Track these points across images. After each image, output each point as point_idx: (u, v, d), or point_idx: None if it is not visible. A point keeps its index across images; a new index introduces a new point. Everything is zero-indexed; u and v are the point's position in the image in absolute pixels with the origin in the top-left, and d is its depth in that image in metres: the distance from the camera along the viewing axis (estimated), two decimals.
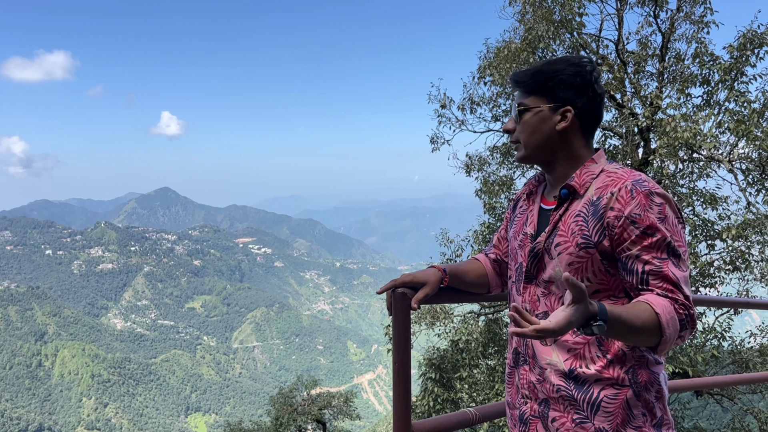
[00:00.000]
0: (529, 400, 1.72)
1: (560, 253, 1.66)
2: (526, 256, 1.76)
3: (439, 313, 11.75)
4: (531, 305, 1.73)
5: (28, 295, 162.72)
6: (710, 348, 9.22)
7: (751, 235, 8.18)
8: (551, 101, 1.71)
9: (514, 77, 1.77)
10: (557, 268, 1.46)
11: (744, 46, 8.54)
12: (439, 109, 11.99)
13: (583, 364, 1.62)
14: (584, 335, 1.51)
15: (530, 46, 9.96)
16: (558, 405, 1.65)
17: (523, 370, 1.74)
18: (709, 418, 15.36)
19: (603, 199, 1.61)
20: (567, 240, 1.65)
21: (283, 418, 17.63)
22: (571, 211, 1.68)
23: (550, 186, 1.82)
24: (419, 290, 1.89)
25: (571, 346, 1.64)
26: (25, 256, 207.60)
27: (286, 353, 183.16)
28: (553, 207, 1.74)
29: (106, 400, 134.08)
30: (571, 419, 1.63)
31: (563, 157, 1.75)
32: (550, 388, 1.66)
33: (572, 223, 1.66)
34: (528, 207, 1.87)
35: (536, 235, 1.77)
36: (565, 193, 1.71)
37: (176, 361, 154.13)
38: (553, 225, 1.70)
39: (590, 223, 1.62)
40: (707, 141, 7.80)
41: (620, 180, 1.63)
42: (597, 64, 9.99)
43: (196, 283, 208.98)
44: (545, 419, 1.68)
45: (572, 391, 1.62)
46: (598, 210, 1.61)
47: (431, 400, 10.53)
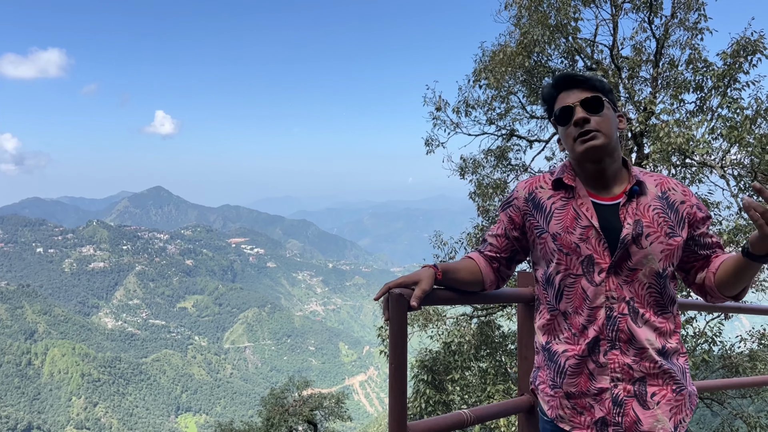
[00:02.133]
0: (621, 383, 1.81)
1: (652, 243, 1.82)
2: (598, 248, 1.83)
3: (432, 315, 11.76)
4: (618, 293, 1.82)
5: (19, 293, 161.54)
6: (701, 352, 9.28)
7: (743, 241, 8.22)
8: (612, 105, 1.93)
9: (579, 77, 1.91)
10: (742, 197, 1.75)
11: (737, 53, 8.60)
12: (434, 111, 12.03)
13: (666, 339, 1.85)
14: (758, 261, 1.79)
15: (526, 50, 10.00)
16: (656, 380, 1.82)
17: (613, 354, 1.82)
18: (699, 422, 15.44)
19: (670, 194, 1.90)
20: (656, 230, 1.83)
21: (274, 419, 17.59)
22: (643, 205, 1.87)
23: (595, 183, 1.93)
24: (416, 289, 1.90)
25: (657, 326, 1.84)
26: (15, 254, 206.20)
27: (277, 354, 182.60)
28: (619, 201, 1.88)
29: (96, 400, 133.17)
30: (671, 390, 1.83)
31: (617, 156, 1.93)
32: (650, 365, 1.81)
33: (653, 215, 1.85)
34: (570, 201, 1.91)
35: (603, 227, 1.85)
36: (636, 189, 1.88)
37: (167, 361, 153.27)
38: (633, 217, 1.84)
39: (671, 215, 1.87)
40: (700, 147, 7.86)
41: (665, 179, 1.95)
42: (591, 69, 10.06)
43: (188, 283, 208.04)
44: (642, 396, 1.81)
45: (669, 364, 1.84)
46: (672, 204, 1.89)
47: (423, 402, 10.53)
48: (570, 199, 1.91)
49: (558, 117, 1.91)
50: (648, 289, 1.83)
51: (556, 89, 1.94)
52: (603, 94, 1.89)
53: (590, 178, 1.92)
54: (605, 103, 1.87)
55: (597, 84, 1.89)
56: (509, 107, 12.01)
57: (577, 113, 1.85)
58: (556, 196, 1.93)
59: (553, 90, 1.95)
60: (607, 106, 1.87)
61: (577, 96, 1.87)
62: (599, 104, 1.86)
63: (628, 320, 1.80)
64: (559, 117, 1.91)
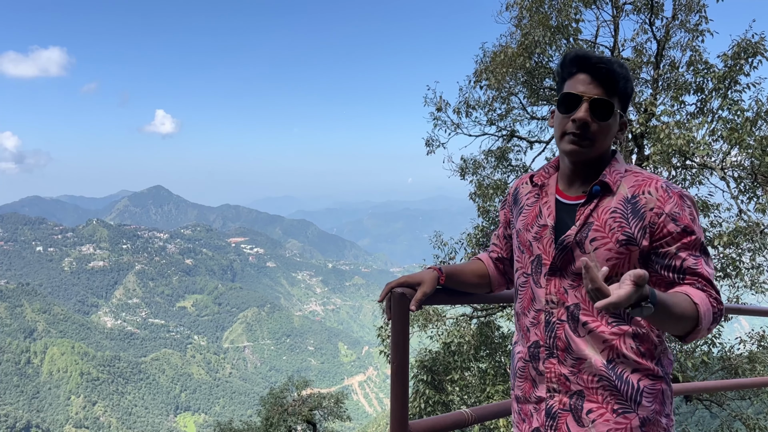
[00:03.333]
0: (557, 394, 1.69)
1: (597, 248, 1.64)
2: (548, 248, 1.74)
3: (432, 315, 11.76)
4: (558, 297, 1.71)
5: (18, 291, 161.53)
6: (700, 354, 9.29)
7: (743, 243, 8.24)
8: (622, 110, 1.74)
9: (603, 66, 1.68)
10: (593, 262, 1.37)
11: (738, 55, 8.61)
12: (435, 112, 12.03)
13: (620, 355, 1.63)
14: (633, 316, 1.47)
15: (527, 51, 10.01)
16: (595, 396, 1.64)
17: (550, 363, 1.71)
18: (698, 423, 15.45)
19: (641, 197, 1.64)
20: (605, 236, 1.65)
21: (273, 419, 17.58)
22: (603, 207, 1.68)
23: (568, 180, 1.80)
24: (417, 291, 1.89)
25: (606, 338, 1.64)
26: (15, 253, 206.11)
27: (276, 354, 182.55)
28: (580, 201, 1.73)
29: (95, 399, 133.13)
30: (611, 409, 1.62)
31: (604, 158, 1.77)
32: (588, 378, 1.64)
33: (609, 219, 1.65)
34: (539, 199, 1.84)
35: (558, 228, 1.74)
36: (597, 189, 1.70)
37: (166, 360, 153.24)
38: (584, 219, 1.68)
39: (631, 221, 1.63)
40: (700, 148, 7.87)
41: (652, 180, 1.67)
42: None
43: (187, 282, 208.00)
44: (578, 412, 1.66)
45: (614, 380, 1.62)
46: (637, 209, 1.64)
47: (422, 402, 10.53)
48: (540, 197, 1.84)
49: (560, 101, 1.72)
50: None
51: (577, 66, 1.71)
52: (619, 96, 1.70)
53: (566, 172, 1.80)
54: (614, 111, 1.68)
55: (619, 81, 1.69)
56: (510, 108, 12.02)
57: (581, 111, 1.67)
58: (532, 192, 1.87)
59: (573, 66, 1.72)
60: (616, 114, 1.69)
61: (591, 90, 1.67)
62: (608, 112, 1.67)
63: (566, 327, 1.68)
64: (561, 102, 1.72)
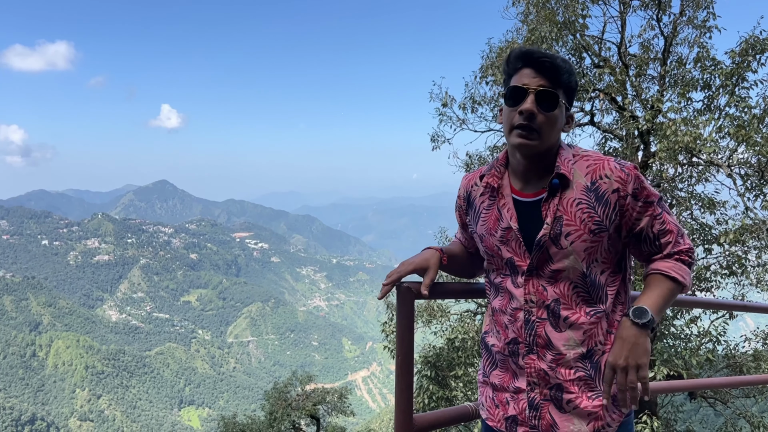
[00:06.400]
0: (537, 387, 1.75)
1: (573, 242, 1.67)
2: (518, 250, 1.76)
3: (436, 311, 11.78)
4: (538, 296, 1.73)
5: (24, 285, 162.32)
6: (705, 351, 9.26)
7: (749, 240, 8.19)
8: (567, 103, 1.76)
9: (546, 60, 1.71)
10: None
11: (746, 51, 8.56)
12: (441, 107, 11.99)
13: (597, 341, 1.72)
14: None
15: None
16: (573, 387, 1.71)
17: (530, 359, 1.75)
18: (702, 421, 15.45)
19: (600, 183, 1.68)
20: (578, 228, 1.68)
21: (277, 413, 17.66)
22: (567, 199, 1.70)
23: (522, 177, 1.81)
24: (424, 277, 1.92)
25: (586, 328, 1.71)
26: (21, 246, 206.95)
27: (280, 348, 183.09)
28: (540, 198, 1.74)
29: (100, 392, 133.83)
30: (586, 397, 1.71)
31: (553, 152, 1.78)
32: (566, 372, 1.71)
33: (577, 210, 1.68)
34: (496, 201, 1.84)
35: (522, 228, 1.75)
36: (556, 183, 1.72)
37: (171, 354, 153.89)
38: (553, 215, 1.70)
39: (598, 209, 1.67)
40: (707, 145, 7.82)
41: (602, 161, 1.72)
42: (599, 66, 10.02)
43: (192, 277, 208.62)
44: (558, 401, 1.73)
45: (589, 371, 1.72)
46: (600, 194, 1.68)
47: (426, 398, 10.55)
48: (495, 199, 1.84)
49: (507, 95, 1.74)
50: (575, 289, 1.70)
51: (522, 62, 1.74)
52: (564, 88, 1.73)
53: (519, 169, 1.80)
54: (559, 102, 1.70)
55: (562, 74, 1.71)
56: None
57: (527, 103, 1.68)
58: (486, 194, 1.87)
59: (518, 62, 1.75)
60: (560, 104, 1.71)
61: (536, 82, 1.70)
62: (553, 103, 1.69)
63: (547, 325, 1.72)
64: (508, 95, 1.74)
